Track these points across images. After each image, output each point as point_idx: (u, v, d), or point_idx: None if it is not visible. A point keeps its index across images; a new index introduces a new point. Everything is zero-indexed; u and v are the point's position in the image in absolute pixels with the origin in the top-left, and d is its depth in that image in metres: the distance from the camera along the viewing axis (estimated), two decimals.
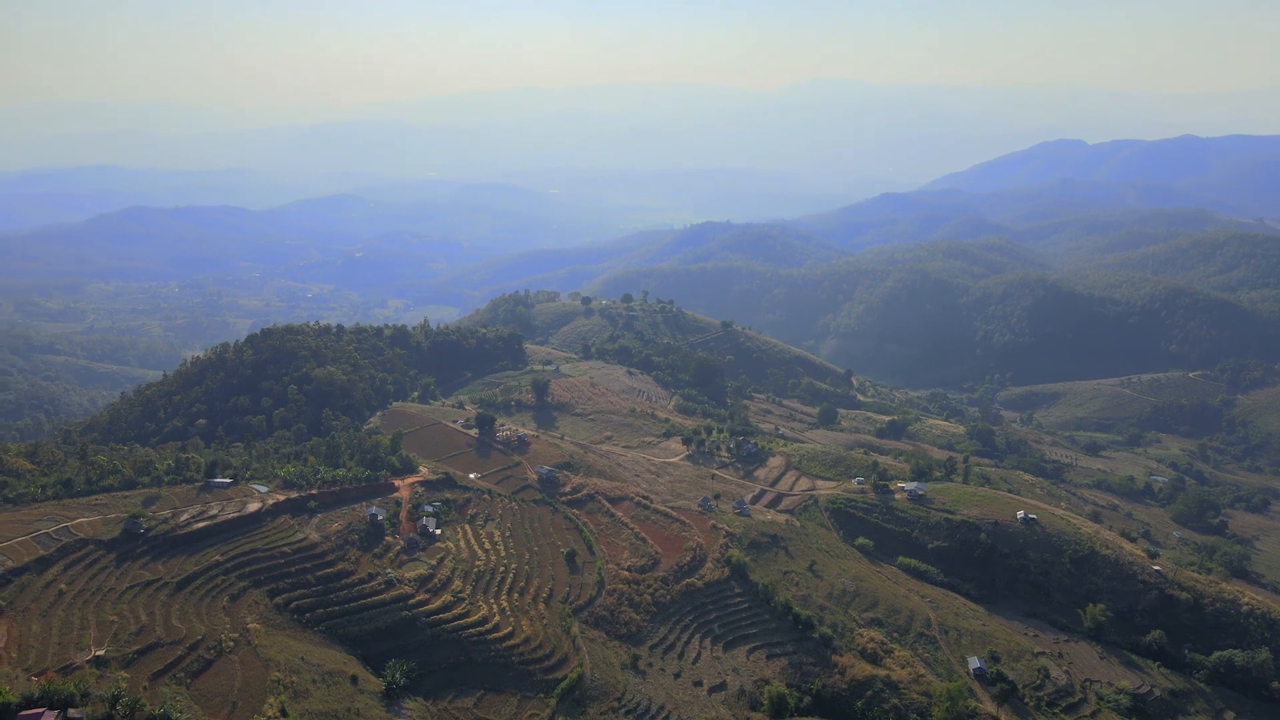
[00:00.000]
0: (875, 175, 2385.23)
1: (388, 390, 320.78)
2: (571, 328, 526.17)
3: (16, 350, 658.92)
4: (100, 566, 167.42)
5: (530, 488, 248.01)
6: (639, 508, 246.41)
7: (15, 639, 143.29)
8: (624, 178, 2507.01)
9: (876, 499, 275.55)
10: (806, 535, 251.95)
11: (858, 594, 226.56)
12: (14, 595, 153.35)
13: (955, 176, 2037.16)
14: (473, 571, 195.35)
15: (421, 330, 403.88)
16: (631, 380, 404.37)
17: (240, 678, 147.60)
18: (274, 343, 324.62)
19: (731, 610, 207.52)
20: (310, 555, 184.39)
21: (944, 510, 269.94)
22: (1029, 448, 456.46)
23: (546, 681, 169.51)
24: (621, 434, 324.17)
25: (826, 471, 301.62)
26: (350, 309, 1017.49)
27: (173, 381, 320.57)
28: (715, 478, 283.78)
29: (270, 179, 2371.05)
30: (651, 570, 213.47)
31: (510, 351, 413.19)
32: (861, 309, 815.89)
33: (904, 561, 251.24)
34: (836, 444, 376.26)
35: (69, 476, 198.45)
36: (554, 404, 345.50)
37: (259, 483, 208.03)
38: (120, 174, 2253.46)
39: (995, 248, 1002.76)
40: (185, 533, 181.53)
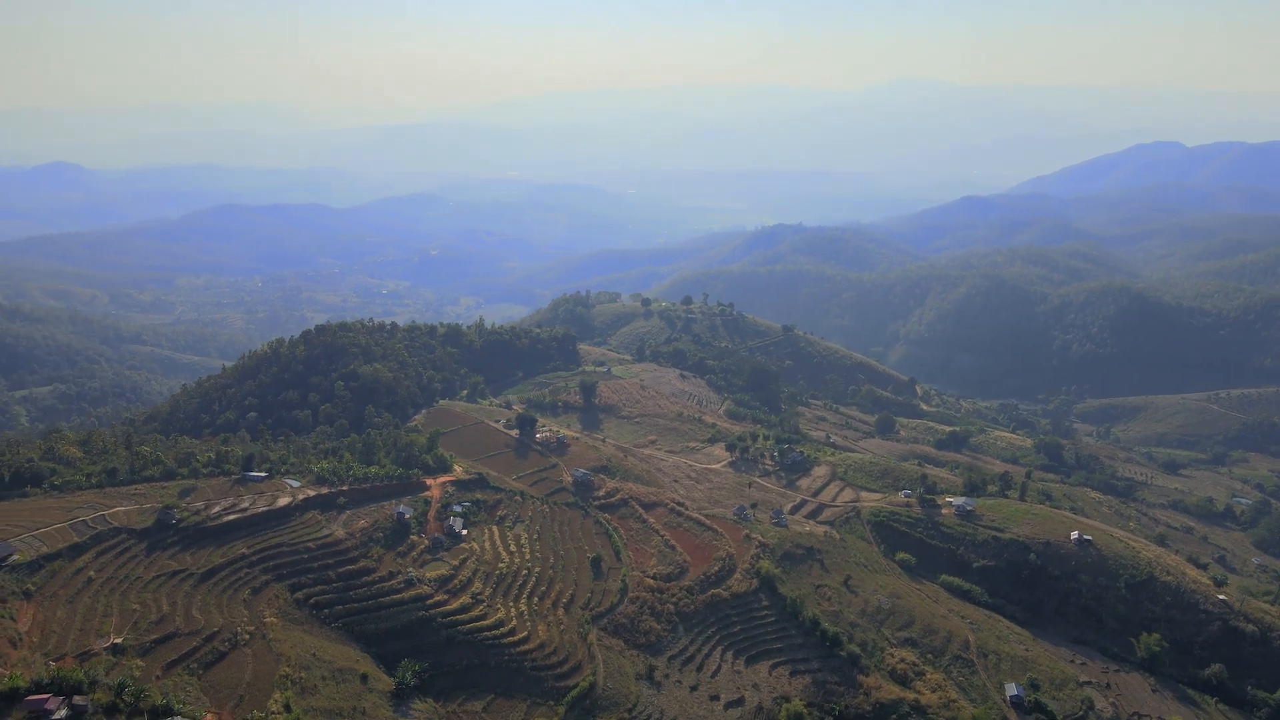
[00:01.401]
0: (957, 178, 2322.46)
1: (435, 388, 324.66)
2: (630, 329, 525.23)
3: (106, 340, 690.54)
4: (130, 555, 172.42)
5: (564, 490, 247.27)
6: (673, 514, 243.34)
7: (39, 624, 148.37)
8: (701, 178, 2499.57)
9: (922, 513, 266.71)
10: (845, 548, 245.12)
11: (893, 612, 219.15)
12: (44, 581, 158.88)
13: (1042, 180, 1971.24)
14: (494, 573, 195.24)
15: (475, 329, 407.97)
16: (683, 384, 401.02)
17: (251, 671, 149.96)
18: (326, 339, 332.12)
19: (757, 623, 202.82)
20: (334, 551, 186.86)
21: (992, 528, 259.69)
22: (1100, 464, 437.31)
23: (557, 689, 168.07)
24: (666, 438, 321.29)
25: (872, 483, 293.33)
26: (423, 306, 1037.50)
27: (230, 374, 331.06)
28: (755, 486, 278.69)
29: (356, 178, 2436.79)
30: (678, 579, 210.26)
31: (563, 352, 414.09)
32: (933, 315, 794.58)
33: (947, 580, 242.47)
34: (890, 454, 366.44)
35: (114, 466, 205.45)
36: (601, 406, 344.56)
37: (293, 477, 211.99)
38: (216, 172, 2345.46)
39: (1078, 254, 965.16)
40: (215, 525, 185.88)
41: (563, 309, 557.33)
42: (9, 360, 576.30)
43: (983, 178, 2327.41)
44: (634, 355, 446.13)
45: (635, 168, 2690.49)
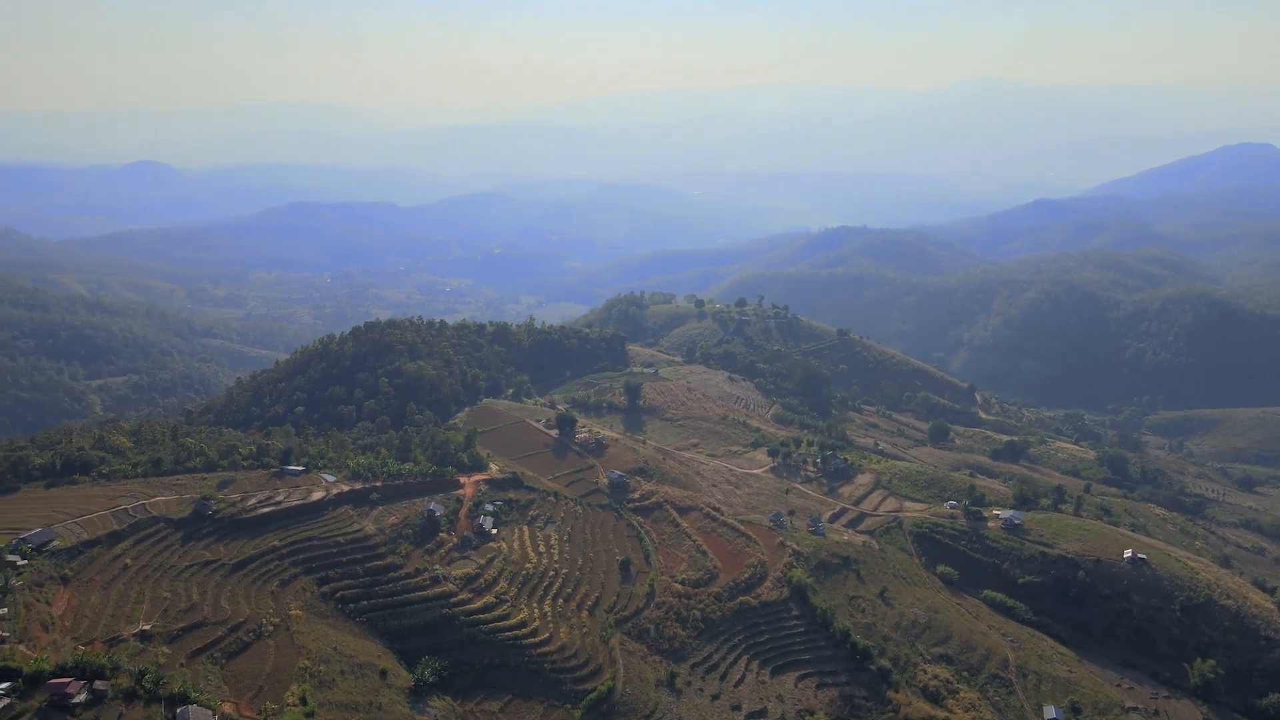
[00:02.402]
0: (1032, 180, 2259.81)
1: (479, 387, 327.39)
2: (682, 330, 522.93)
3: (179, 333, 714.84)
4: (166, 544, 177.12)
5: (599, 492, 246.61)
6: (707, 519, 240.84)
7: (73, 608, 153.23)
8: (766, 179, 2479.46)
9: (966, 525, 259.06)
10: (883, 559, 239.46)
11: (929, 626, 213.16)
12: (82, 566, 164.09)
13: (1120, 183, 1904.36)
14: (520, 574, 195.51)
15: (524, 329, 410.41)
16: (731, 386, 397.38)
17: (272, 662, 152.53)
18: (374, 336, 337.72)
19: (785, 633, 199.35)
20: (362, 546, 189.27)
21: (1040, 542, 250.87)
22: (1168, 478, 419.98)
23: (575, 692, 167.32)
24: (708, 441, 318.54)
25: (917, 492, 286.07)
26: (484, 304, 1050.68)
27: (281, 369, 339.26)
28: (795, 492, 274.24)
29: (425, 176, 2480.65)
30: (707, 585, 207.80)
31: (612, 352, 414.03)
32: (998, 321, 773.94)
33: (989, 595, 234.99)
34: (941, 464, 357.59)
35: (159, 456, 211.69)
36: (645, 407, 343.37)
37: (329, 472, 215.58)
38: (292, 171, 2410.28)
39: (1155, 259, 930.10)
40: (250, 516, 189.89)
41: (616, 309, 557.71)
42: (88, 351, 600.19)
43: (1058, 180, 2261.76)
44: (684, 357, 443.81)
45: (700, 168, 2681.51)
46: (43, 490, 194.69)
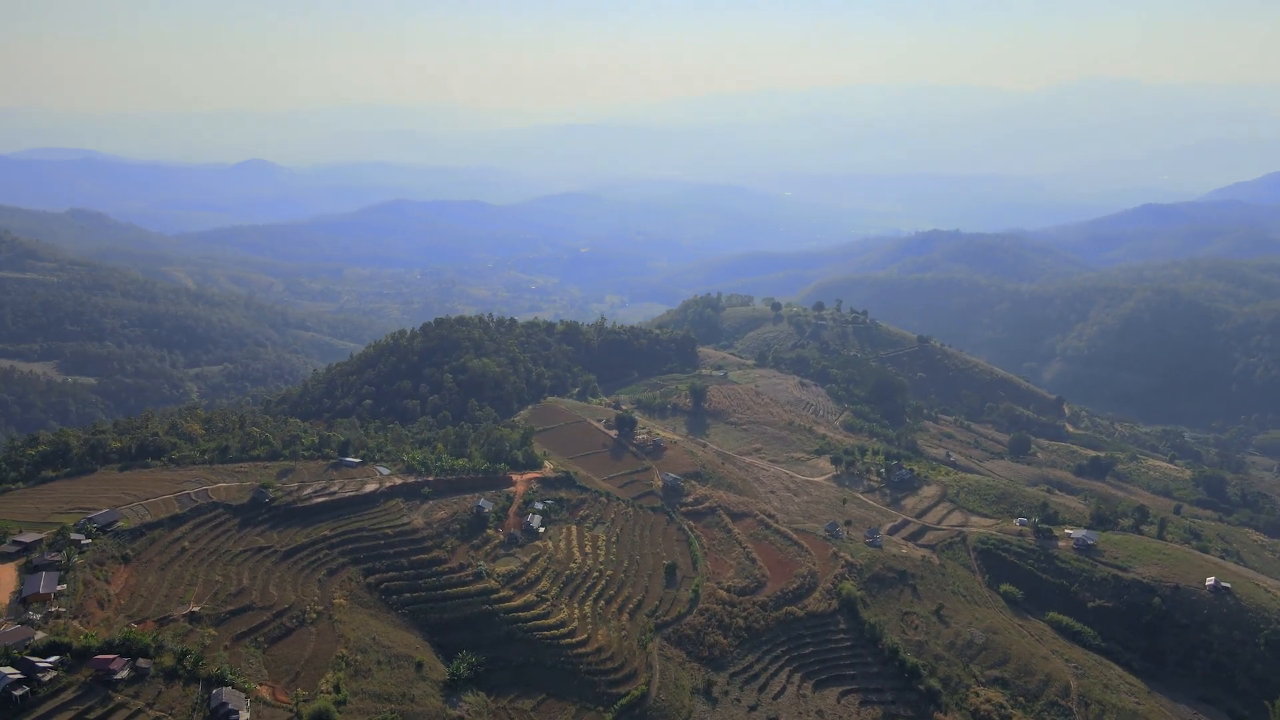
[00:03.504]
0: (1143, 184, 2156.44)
1: (544, 385, 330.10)
2: (757, 334, 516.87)
3: (274, 324, 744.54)
4: (224, 530, 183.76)
5: (652, 494, 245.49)
6: (760, 526, 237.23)
7: (130, 587, 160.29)
8: (861, 181, 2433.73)
9: (1035, 543, 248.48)
10: (943, 575, 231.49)
11: (986, 647, 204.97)
12: (143, 548, 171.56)
13: (1240, 186, 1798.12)
14: (564, 573, 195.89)
15: (594, 328, 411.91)
16: (801, 392, 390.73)
17: (311, 649, 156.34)
18: (443, 332, 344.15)
19: (831, 646, 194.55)
20: (410, 539, 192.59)
21: (1114, 565, 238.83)
22: (1270, 502, 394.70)
23: (609, 695, 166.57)
24: (772, 447, 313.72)
25: (985, 507, 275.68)
26: (568, 302, 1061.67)
27: (353, 362, 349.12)
28: (855, 502, 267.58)
29: (517, 176, 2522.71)
30: (753, 593, 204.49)
31: (682, 354, 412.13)
32: (1095, 331, 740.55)
33: (1055, 618, 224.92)
34: (1018, 478, 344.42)
35: (227, 444, 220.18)
36: (710, 410, 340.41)
37: (384, 465, 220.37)
38: (389, 170, 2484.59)
39: (1273, 268, 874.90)
40: (304, 506, 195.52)
41: (691, 311, 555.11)
42: (188, 340, 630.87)
43: (1170, 184, 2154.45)
44: (756, 360, 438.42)
45: (791, 169, 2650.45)
46: (117, 473, 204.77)
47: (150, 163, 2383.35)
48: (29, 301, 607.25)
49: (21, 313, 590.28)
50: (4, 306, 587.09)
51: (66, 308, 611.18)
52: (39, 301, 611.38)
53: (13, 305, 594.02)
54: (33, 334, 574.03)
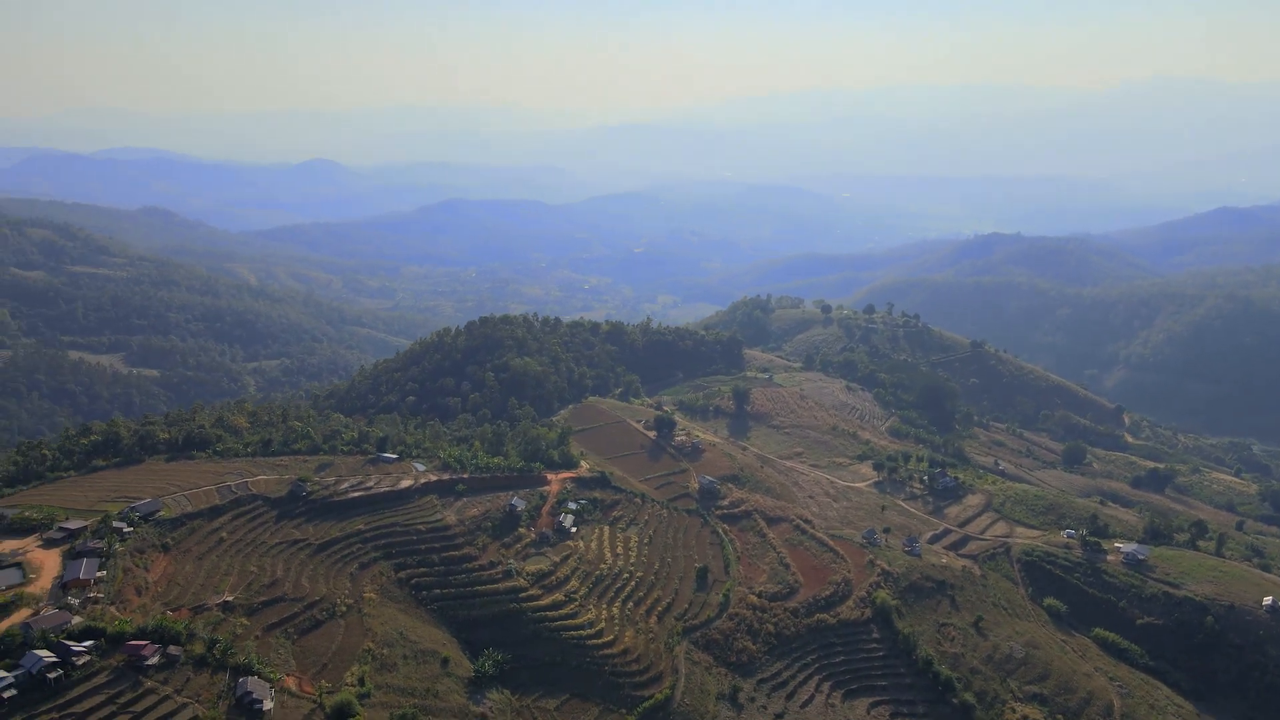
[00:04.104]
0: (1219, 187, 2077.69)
1: (585, 385, 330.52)
2: (806, 336, 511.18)
3: (331, 321, 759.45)
4: (261, 521, 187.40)
5: (688, 496, 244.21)
6: (796, 531, 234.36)
7: (168, 575, 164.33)
8: (922, 183, 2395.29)
9: (1082, 556, 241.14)
10: (984, 587, 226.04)
11: (1025, 662, 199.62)
12: (183, 537, 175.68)
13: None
14: (594, 574, 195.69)
15: (639, 329, 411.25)
16: (847, 396, 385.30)
17: (339, 641, 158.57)
18: (487, 330, 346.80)
19: (863, 656, 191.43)
20: (441, 536, 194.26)
21: (1165, 581, 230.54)
22: None
23: (633, 697, 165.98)
24: (814, 451, 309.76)
25: (1032, 518, 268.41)
26: (620, 302, 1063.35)
27: (399, 359, 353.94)
28: (896, 509, 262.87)
29: (574, 176, 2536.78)
30: (784, 599, 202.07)
31: (727, 355, 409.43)
32: (1161, 338, 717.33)
33: (1100, 634, 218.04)
34: (1070, 489, 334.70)
35: (270, 437, 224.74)
36: (752, 413, 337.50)
37: (421, 461, 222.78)
38: (448, 169, 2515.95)
39: None
40: (340, 500, 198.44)
41: (740, 312, 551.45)
42: (248, 334, 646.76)
43: (1249, 187, 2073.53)
44: (803, 363, 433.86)
45: (849, 170, 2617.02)
46: (163, 463, 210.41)
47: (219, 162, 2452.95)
48: (99, 296, 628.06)
49: (92, 306, 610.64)
50: (75, 301, 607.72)
51: (134, 302, 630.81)
52: (109, 296, 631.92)
53: (84, 299, 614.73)
54: (102, 327, 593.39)
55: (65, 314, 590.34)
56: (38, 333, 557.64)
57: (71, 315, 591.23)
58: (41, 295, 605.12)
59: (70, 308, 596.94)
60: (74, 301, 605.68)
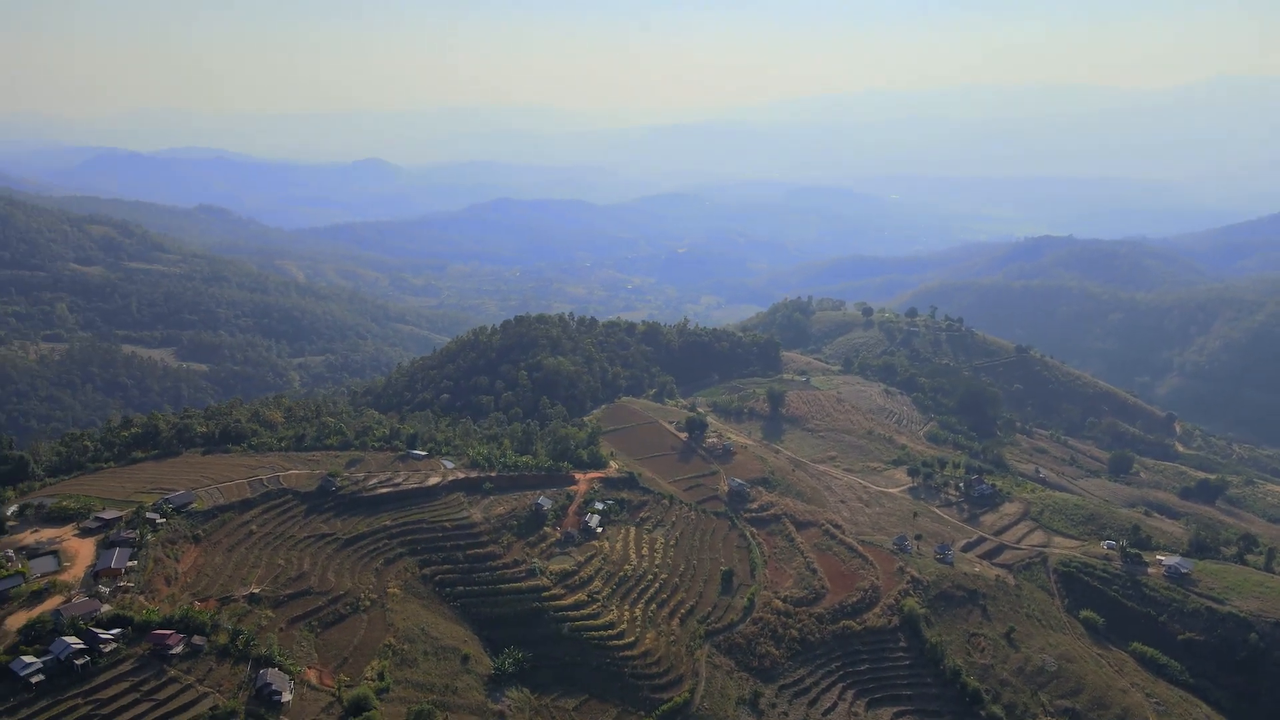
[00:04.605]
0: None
1: (619, 385, 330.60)
2: (846, 339, 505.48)
3: (375, 318, 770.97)
4: (290, 515, 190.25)
5: (716, 499, 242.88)
6: (825, 536, 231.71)
7: (198, 566, 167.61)
8: (972, 184, 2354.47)
9: (1121, 568, 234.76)
10: (1017, 597, 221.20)
11: (1058, 675, 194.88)
12: (214, 529, 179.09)
13: None
14: (618, 574, 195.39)
15: (675, 329, 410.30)
16: (886, 400, 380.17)
17: (361, 636, 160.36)
18: (522, 330, 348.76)
19: (889, 664, 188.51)
20: (467, 533, 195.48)
21: (1209, 596, 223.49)
22: None
23: (651, 700, 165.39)
24: (848, 455, 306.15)
25: (1071, 527, 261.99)
26: (663, 302, 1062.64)
27: (435, 357, 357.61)
28: (930, 516, 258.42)
29: (621, 176, 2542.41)
30: (810, 604, 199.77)
31: (764, 358, 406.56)
32: (1218, 344, 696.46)
33: (1138, 649, 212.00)
34: (1115, 498, 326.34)
35: (303, 432, 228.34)
36: (787, 416, 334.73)
37: (450, 458, 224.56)
38: (497, 169, 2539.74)
39: None
40: (369, 495, 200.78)
41: (780, 314, 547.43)
42: (294, 330, 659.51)
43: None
44: (842, 366, 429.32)
45: (899, 172, 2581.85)
46: (200, 456, 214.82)
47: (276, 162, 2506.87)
48: (153, 291, 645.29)
49: (146, 301, 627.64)
50: (130, 296, 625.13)
51: (186, 298, 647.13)
52: (162, 292, 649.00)
53: (139, 295, 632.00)
54: (155, 322, 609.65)
55: (120, 309, 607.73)
56: (94, 327, 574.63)
57: (126, 310, 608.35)
58: (99, 290, 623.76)
59: (125, 303, 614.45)
60: (129, 297, 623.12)
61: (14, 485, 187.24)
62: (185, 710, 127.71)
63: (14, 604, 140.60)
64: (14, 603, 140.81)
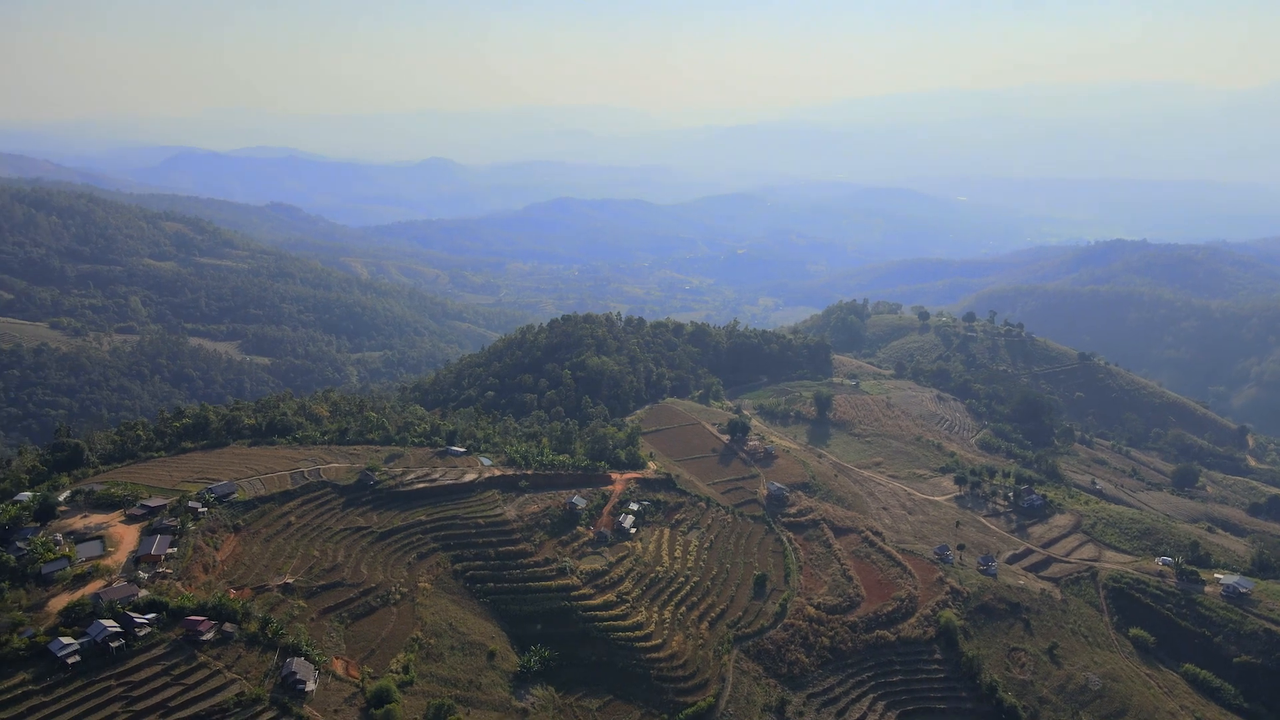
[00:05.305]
0: None
1: (664, 385, 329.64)
2: (901, 343, 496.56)
3: (434, 315, 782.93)
4: (329, 508, 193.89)
5: (754, 502, 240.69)
6: (864, 543, 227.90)
7: (236, 555, 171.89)
8: (1045, 186, 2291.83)
9: (1176, 586, 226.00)
10: (1063, 612, 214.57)
11: (1101, 695, 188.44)
12: (254, 519, 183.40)
13: None
14: (649, 576, 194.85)
15: (724, 331, 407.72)
16: (937, 406, 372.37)
17: (390, 629, 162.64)
18: (568, 329, 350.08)
19: (922, 677, 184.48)
20: (499, 530, 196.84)
21: (1268, 618, 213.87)
22: None
23: (675, 703, 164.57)
24: (894, 461, 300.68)
25: (1125, 542, 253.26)
26: (720, 303, 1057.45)
27: (483, 355, 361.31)
28: (976, 525, 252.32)
29: (682, 176, 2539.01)
30: (844, 612, 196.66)
31: (814, 360, 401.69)
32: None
33: (1190, 670, 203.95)
34: (1177, 513, 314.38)
35: (346, 427, 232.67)
36: (834, 420, 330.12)
37: (487, 456, 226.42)
38: (560, 169, 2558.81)
39: None
40: (406, 490, 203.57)
41: (835, 316, 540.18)
42: (355, 326, 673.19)
43: None
44: (894, 370, 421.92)
45: (969, 173, 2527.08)
46: (246, 447, 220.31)
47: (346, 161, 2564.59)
48: (221, 286, 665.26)
49: (214, 296, 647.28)
50: (199, 290, 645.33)
51: (252, 293, 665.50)
52: (229, 287, 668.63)
53: (207, 289, 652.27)
54: (222, 315, 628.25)
55: (189, 302, 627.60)
56: (164, 320, 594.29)
57: (195, 304, 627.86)
58: (170, 284, 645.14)
59: (194, 297, 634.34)
60: (198, 291, 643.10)
61: (69, 472, 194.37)
62: (212, 695, 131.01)
63: (58, 586, 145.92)
64: (58, 585, 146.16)
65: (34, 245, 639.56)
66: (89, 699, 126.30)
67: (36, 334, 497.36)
